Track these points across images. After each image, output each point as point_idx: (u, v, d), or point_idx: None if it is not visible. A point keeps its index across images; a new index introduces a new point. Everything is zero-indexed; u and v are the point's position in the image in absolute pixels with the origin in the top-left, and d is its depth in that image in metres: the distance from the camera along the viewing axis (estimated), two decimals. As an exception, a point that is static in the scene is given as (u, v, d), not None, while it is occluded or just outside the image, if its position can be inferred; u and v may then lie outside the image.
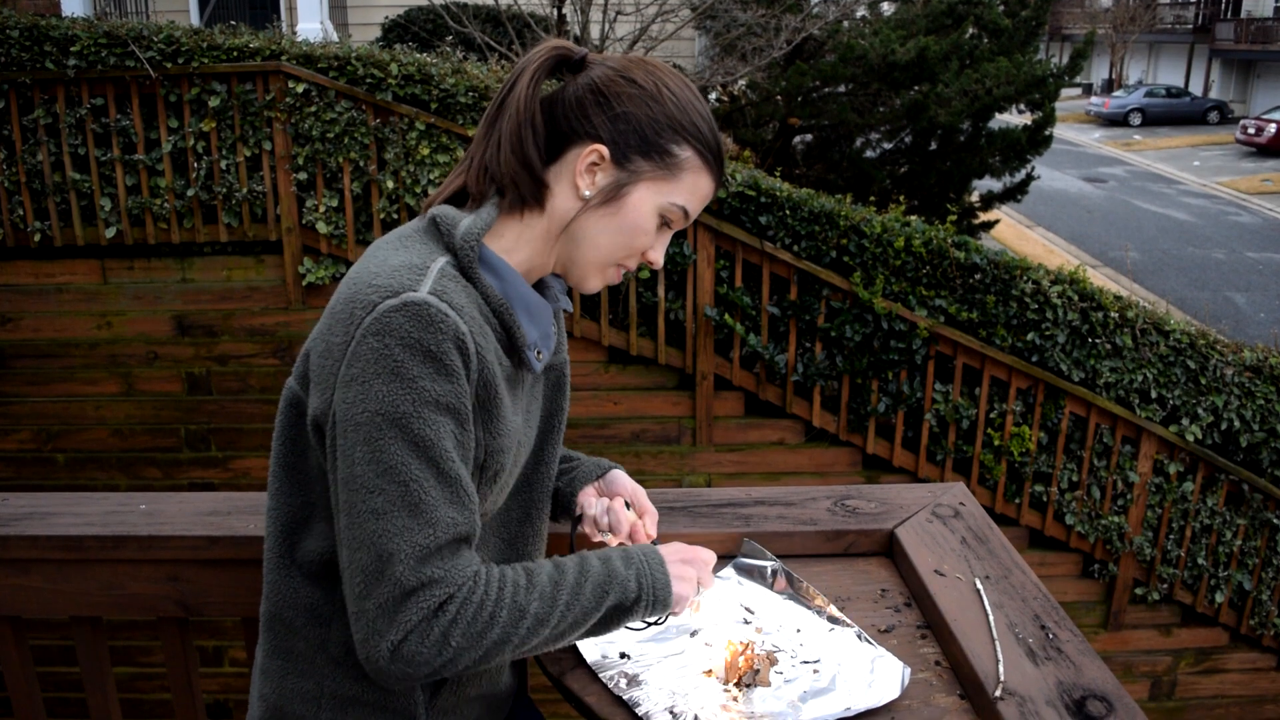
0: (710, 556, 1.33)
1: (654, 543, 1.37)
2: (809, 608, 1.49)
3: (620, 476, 1.49)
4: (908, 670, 1.33)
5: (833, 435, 6.11)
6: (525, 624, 1.14)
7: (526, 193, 1.24)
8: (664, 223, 1.27)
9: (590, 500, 1.46)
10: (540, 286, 1.35)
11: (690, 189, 1.25)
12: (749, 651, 1.34)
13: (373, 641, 1.09)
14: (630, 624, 1.25)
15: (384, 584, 1.08)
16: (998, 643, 1.35)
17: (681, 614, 1.29)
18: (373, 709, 1.27)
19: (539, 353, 1.25)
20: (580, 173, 1.23)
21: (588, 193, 1.23)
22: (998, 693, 1.25)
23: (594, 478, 1.49)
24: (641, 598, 1.22)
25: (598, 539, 1.44)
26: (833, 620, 1.45)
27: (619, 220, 1.24)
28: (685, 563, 1.28)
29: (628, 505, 1.43)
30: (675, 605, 1.26)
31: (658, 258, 1.28)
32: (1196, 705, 6.39)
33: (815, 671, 1.34)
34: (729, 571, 1.59)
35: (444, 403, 1.10)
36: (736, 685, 1.31)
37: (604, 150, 1.22)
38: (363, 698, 1.27)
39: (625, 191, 1.23)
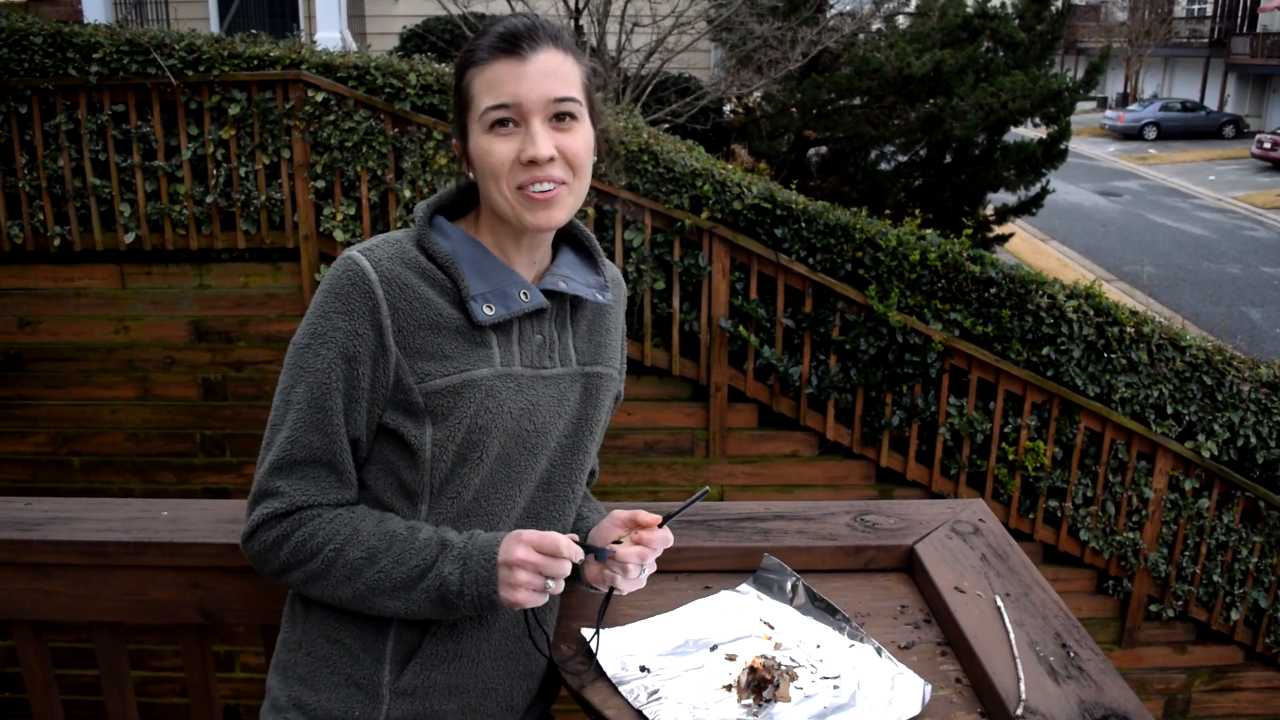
0: (553, 544, 1.25)
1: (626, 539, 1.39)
2: (828, 623, 1.48)
3: (594, 531, 1.46)
4: (928, 687, 1.33)
5: (846, 448, 6.09)
6: (339, 571, 1.29)
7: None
8: (497, 125, 1.30)
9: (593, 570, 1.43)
10: (553, 282, 1.38)
11: (484, 89, 1.30)
12: (769, 668, 1.34)
13: (244, 524, 1.34)
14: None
15: (255, 483, 1.33)
16: (1019, 661, 1.35)
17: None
18: (339, 674, 1.35)
19: (488, 306, 1.32)
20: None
21: (471, 174, 1.36)
22: (1019, 711, 1.25)
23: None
24: (465, 592, 1.27)
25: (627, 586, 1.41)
26: (853, 635, 1.45)
27: (477, 168, 1.33)
28: (514, 567, 1.25)
29: (618, 541, 1.39)
30: (509, 608, 1.29)
31: (535, 150, 1.29)
32: (1211, 724, 6.34)
33: (835, 687, 1.34)
34: (748, 586, 1.59)
35: (337, 340, 1.28)
36: (756, 700, 1.31)
37: (453, 134, 1.39)
38: (332, 658, 1.35)
39: (467, 147, 1.34)
